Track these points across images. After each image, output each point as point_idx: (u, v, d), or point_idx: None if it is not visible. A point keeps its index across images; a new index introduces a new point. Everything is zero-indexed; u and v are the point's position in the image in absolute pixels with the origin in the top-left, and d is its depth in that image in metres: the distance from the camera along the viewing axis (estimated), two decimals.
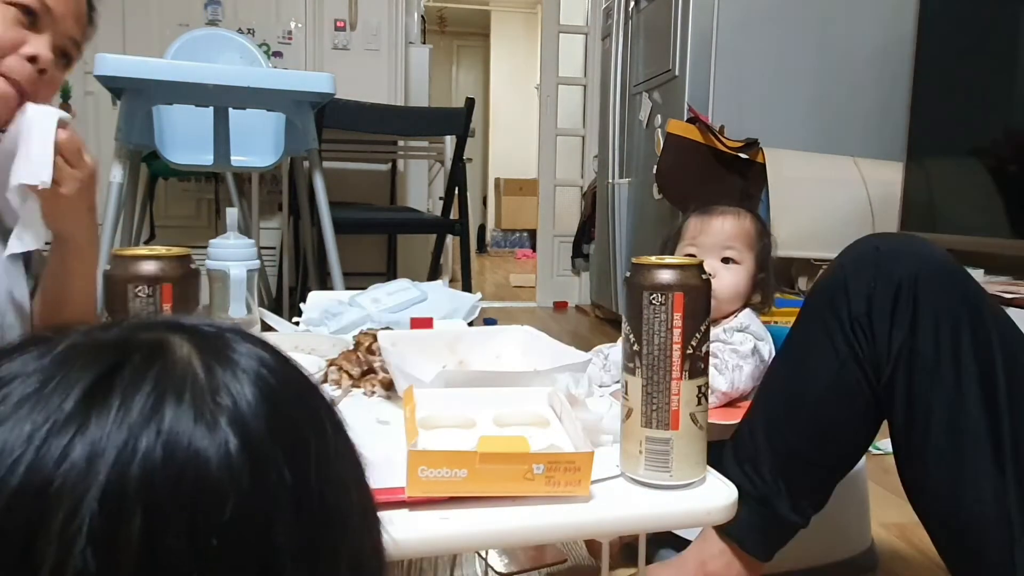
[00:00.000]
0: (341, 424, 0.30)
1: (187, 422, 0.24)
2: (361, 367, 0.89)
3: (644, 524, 0.61)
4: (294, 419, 0.28)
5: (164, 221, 3.38)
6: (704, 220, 1.14)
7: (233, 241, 0.97)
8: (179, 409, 0.24)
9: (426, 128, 3.17)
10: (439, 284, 1.37)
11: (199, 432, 0.24)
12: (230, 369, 0.27)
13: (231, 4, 3.42)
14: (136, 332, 0.28)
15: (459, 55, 8.28)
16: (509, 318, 3.37)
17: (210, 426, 0.24)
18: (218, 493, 0.24)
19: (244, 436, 0.25)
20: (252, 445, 0.25)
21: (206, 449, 0.24)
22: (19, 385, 0.25)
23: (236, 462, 0.24)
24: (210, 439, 0.24)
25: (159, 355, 0.26)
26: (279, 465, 0.25)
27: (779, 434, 0.87)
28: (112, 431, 0.23)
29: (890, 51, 2.43)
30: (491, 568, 1.11)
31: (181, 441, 0.24)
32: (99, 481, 0.22)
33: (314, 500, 0.26)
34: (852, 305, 0.83)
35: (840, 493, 0.92)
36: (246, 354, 0.28)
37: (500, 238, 7.58)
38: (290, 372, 0.29)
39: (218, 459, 0.24)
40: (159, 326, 0.28)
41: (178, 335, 0.27)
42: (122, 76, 1.74)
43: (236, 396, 0.26)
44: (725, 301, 1.10)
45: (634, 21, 2.96)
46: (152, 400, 0.24)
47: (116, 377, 0.25)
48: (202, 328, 0.29)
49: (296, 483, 0.26)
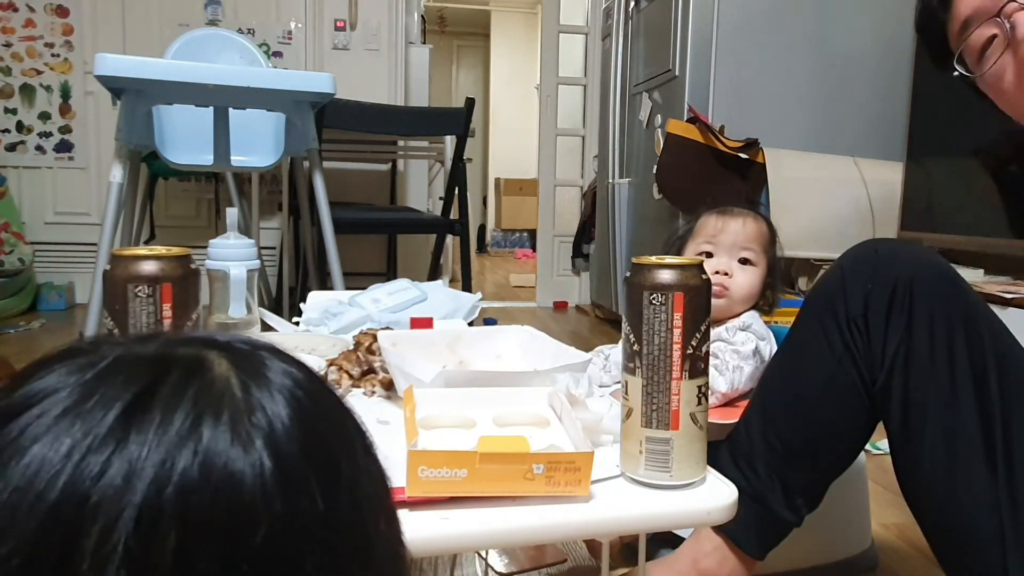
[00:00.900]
0: (371, 446, 0.30)
1: (224, 442, 0.24)
2: (361, 367, 0.89)
3: (644, 524, 0.61)
4: (326, 441, 0.28)
5: (164, 221, 3.38)
6: (723, 220, 1.14)
7: (233, 241, 0.97)
8: (216, 429, 0.24)
9: (426, 128, 3.17)
10: (439, 284, 1.37)
11: (235, 452, 0.24)
12: (266, 388, 0.27)
13: (231, 4, 3.43)
14: (175, 347, 0.28)
15: (459, 55, 8.28)
16: (509, 318, 3.37)
17: (246, 447, 0.24)
18: (251, 515, 0.24)
19: (278, 458, 0.25)
20: (286, 467, 0.25)
21: (241, 470, 0.24)
22: (59, 398, 0.25)
23: (270, 484, 0.24)
24: (245, 460, 0.24)
25: (198, 372, 0.26)
26: (311, 489, 0.25)
27: (775, 432, 0.88)
28: (151, 449, 0.23)
29: (890, 51, 2.43)
30: (491, 568, 1.11)
31: (217, 462, 0.24)
32: (136, 500, 0.22)
33: (343, 526, 0.26)
34: (849, 306, 0.83)
35: (840, 493, 0.92)
36: (280, 372, 0.28)
37: (500, 238, 7.58)
38: (322, 392, 0.29)
39: (252, 480, 0.24)
40: (196, 342, 0.28)
41: (215, 351, 0.27)
42: (122, 76, 1.74)
43: (271, 416, 0.26)
44: (738, 301, 1.10)
45: (634, 21, 2.96)
46: (191, 419, 0.24)
47: (155, 394, 0.25)
48: (237, 345, 0.29)
49: (327, 508, 0.26)
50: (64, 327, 2.92)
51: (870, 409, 0.85)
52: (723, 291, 1.10)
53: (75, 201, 3.43)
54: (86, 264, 3.36)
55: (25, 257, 3.14)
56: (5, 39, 3.33)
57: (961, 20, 0.82)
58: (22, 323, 2.90)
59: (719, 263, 1.11)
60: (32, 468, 0.23)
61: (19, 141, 3.38)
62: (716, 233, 1.13)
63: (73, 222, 3.43)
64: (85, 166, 3.43)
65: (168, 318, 0.58)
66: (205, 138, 2.07)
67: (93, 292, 1.86)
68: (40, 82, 3.38)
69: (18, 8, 3.33)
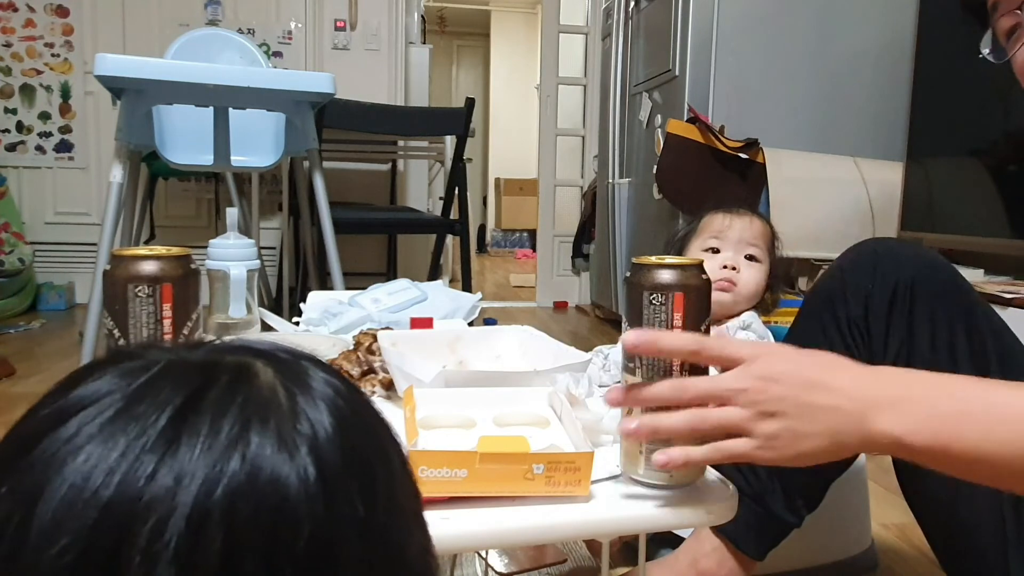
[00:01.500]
0: (405, 458, 0.31)
1: (271, 448, 0.25)
2: (361, 367, 0.89)
3: (644, 524, 0.61)
4: (365, 450, 0.28)
5: (164, 221, 3.38)
6: (729, 217, 1.15)
7: (233, 241, 0.97)
8: (263, 435, 0.25)
9: (426, 128, 3.17)
10: (439, 284, 1.37)
11: (281, 459, 0.25)
12: (309, 396, 0.27)
13: (231, 4, 3.43)
14: (222, 355, 0.28)
15: (459, 55, 8.28)
16: (509, 318, 3.37)
17: (291, 453, 0.25)
18: (295, 520, 0.24)
19: (321, 464, 0.25)
20: (328, 475, 0.26)
21: (287, 476, 0.25)
22: (112, 400, 0.25)
23: (313, 490, 0.25)
24: (290, 466, 0.25)
25: (245, 379, 0.27)
26: (352, 496, 0.26)
27: None
28: (201, 453, 0.24)
29: (890, 51, 2.43)
30: (491, 568, 1.11)
31: (264, 467, 0.24)
32: (186, 501, 0.23)
33: (381, 532, 0.27)
34: (849, 306, 0.83)
35: (840, 493, 0.92)
36: (322, 382, 0.29)
37: (500, 238, 7.58)
38: (361, 401, 0.30)
39: (297, 486, 0.25)
40: (242, 350, 0.29)
41: (260, 360, 0.28)
42: (122, 76, 1.74)
43: (315, 424, 0.26)
44: (744, 298, 1.11)
45: (634, 21, 2.96)
46: (239, 424, 0.25)
47: (205, 399, 0.26)
48: (280, 354, 0.29)
49: (366, 516, 0.26)
50: (64, 327, 2.92)
51: None
52: (730, 285, 1.10)
53: (75, 201, 3.43)
54: (86, 264, 3.36)
55: (25, 257, 3.14)
56: (5, 39, 3.33)
57: (991, 1, 0.81)
58: (22, 323, 2.90)
59: (726, 258, 1.11)
60: (88, 466, 0.24)
61: (19, 141, 3.38)
62: (723, 229, 1.14)
63: (73, 222, 3.43)
64: (85, 166, 3.43)
65: (168, 318, 0.58)
66: (205, 138, 2.07)
67: (93, 292, 1.86)
68: (40, 82, 3.38)
69: (18, 8, 3.33)
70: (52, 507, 0.23)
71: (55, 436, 0.25)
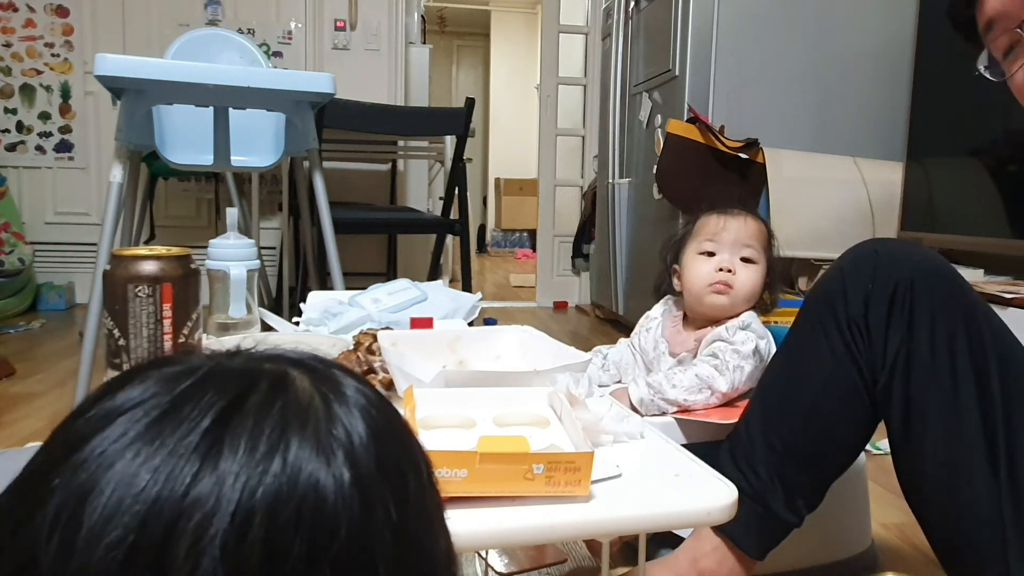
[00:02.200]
0: (431, 466, 0.32)
1: (309, 453, 0.26)
2: (361, 367, 0.89)
3: (644, 524, 0.61)
4: (397, 457, 0.29)
5: (164, 221, 3.38)
6: (724, 218, 1.14)
7: (233, 241, 0.97)
8: (302, 440, 0.26)
9: (426, 128, 3.17)
10: (439, 284, 1.37)
11: (319, 464, 0.26)
12: (344, 404, 0.29)
13: (231, 4, 3.43)
14: (261, 363, 0.30)
15: (459, 55, 8.28)
16: (509, 318, 3.37)
17: (328, 458, 0.26)
18: (333, 523, 0.25)
19: (356, 470, 0.26)
20: (363, 480, 0.27)
21: (324, 480, 0.26)
22: (157, 403, 0.26)
23: (348, 495, 0.26)
24: (327, 471, 0.26)
25: (283, 386, 0.28)
26: (386, 501, 0.27)
27: (775, 433, 0.88)
28: (243, 456, 0.25)
29: (890, 51, 2.43)
30: (491, 568, 1.11)
31: (304, 470, 0.25)
32: (230, 499, 0.24)
33: (412, 537, 0.28)
34: (849, 307, 0.83)
35: (840, 493, 0.92)
36: (355, 390, 0.30)
37: (500, 238, 7.58)
38: (391, 410, 0.31)
39: (334, 491, 0.26)
40: (280, 359, 0.30)
41: (296, 368, 0.29)
42: (122, 76, 1.74)
43: (350, 431, 0.28)
44: (742, 300, 1.10)
45: (634, 21, 2.96)
46: (279, 429, 0.26)
47: (247, 404, 0.27)
48: (314, 363, 0.31)
49: (399, 521, 0.27)
50: (64, 327, 2.92)
51: (870, 410, 0.84)
52: (726, 288, 1.10)
53: (75, 201, 3.43)
54: (86, 264, 3.36)
55: (25, 257, 3.14)
56: (5, 39, 3.33)
57: (986, 20, 0.81)
58: (22, 323, 2.90)
59: (722, 260, 1.11)
60: (136, 464, 0.25)
61: (19, 141, 3.38)
62: (718, 231, 1.13)
63: (73, 222, 3.43)
64: (85, 166, 3.43)
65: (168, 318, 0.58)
66: (205, 138, 2.07)
67: (93, 292, 1.86)
68: (40, 82, 3.38)
69: (18, 8, 3.33)
70: (103, 502, 0.24)
71: (103, 435, 0.26)
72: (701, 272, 1.12)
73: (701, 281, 1.11)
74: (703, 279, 1.11)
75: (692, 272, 1.13)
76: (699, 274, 1.12)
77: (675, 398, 1.02)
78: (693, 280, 1.13)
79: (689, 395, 1.03)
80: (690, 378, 1.03)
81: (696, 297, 1.13)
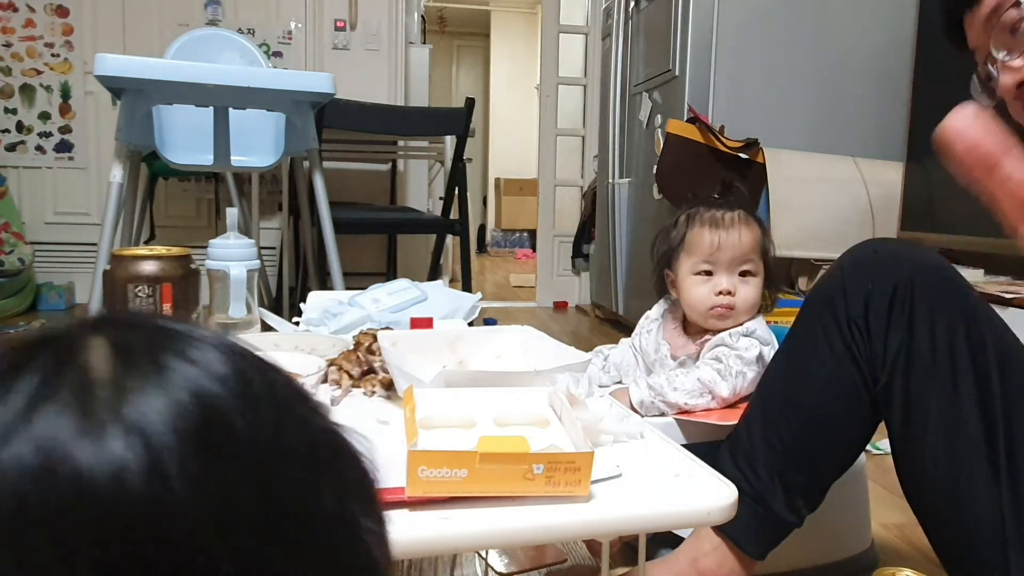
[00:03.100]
0: (314, 404, 0.28)
1: (70, 430, 0.23)
2: (361, 367, 0.89)
3: (644, 524, 0.61)
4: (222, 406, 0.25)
5: (164, 221, 3.38)
6: (718, 234, 1.09)
7: (233, 241, 0.97)
8: (61, 416, 0.23)
9: (426, 128, 3.17)
10: (439, 284, 1.37)
11: (83, 443, 0.23)
12: (144, 379, 0.25)
13: (231, 4, 3.43)
14: (57, 330, 0.27)
15: (459, 55, 8.28)
16: (509, 318, 3.37)
17: (97, 436, 0.23)
18: (98, 505, 0.22)
19: (146, 450, 0.23)
20: (154, 459, 0.23)
21: (89, 465, 0.22)
22: None
23: (130, 478, 0.22)
24: (92, 450, 0.23)
25: (69, 357, 0.25)
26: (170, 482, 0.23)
27: (776, 433, 0.88)
28: None
29: (890, 51, 2.43)
30: (491, 568, 1.11)
31: (58, 450, 0.22)
32: None
33: (249, 512, 0.24)
34: (849, 307, 0.83)
35: (840, 493, 0.92)
36: (179, 364, 0.26)
37: (500, 238, 7.58)
38: (227, 386, 0.26)
39: (102, 473, 0.22)
40: (84, 324, 0.27)
41: (99, 336, 0.26)
42: (122, 76, 1.74)
43: (139, 409, 0.24)
44: (744, 313, 1.09)
45: (634, 21, 2.96)
46: (30, 403, 0.23)
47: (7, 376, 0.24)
48: (132, 326, 0.27)
49: (220, 489, 0.23)
50: None
51: (871, 410, 0.85)
52: (728, 312, 1.08)
53: (75, 201, 3.43)
54: (86, 264, 3.36)
55: (25, 257, 3.14)
56: (5, 39, 3.33)
57: (971, 48, 0.81)
58: (22, 323, 2.90)
59: (720, 282, 1.08)
60: None
61: (19, 141, 3.38)
62: (713, 251, 1.09)
63: (73, 222, 3.43)
64: (85, 166, 3.43)
65: None
66: (205, 138, 2.07)
67: (93, 292, 1.86)
68: (40, 82, 3.37)
69: (18, 8, 3.33)
70: None
71: None
72: (700, 295, 1.10)
73: (702, 304, 1.10)
74: (703, 302, 1.10)
75: (691, 294, 1.11)
76: (699, 297, 1.10)
77: (676, 401, 1.02)
78: (693, 302, 1.11)
79: (690, 399, 1.02)
80: (692, 382, 1.03)
81: (698, 317, 1.12)
